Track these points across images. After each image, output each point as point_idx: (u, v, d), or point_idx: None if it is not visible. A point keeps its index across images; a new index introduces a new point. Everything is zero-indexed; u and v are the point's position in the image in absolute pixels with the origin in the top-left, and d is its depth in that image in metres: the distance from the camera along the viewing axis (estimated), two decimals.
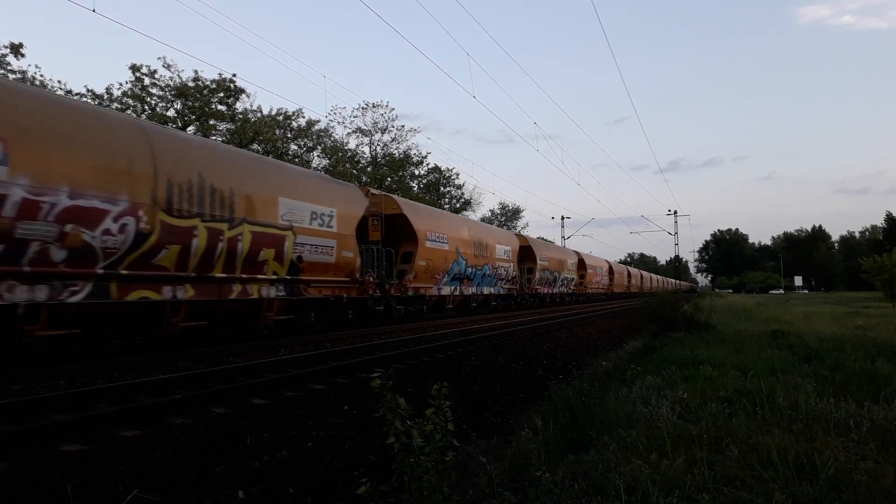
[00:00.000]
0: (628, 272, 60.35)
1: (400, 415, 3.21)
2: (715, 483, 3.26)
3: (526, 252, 29.19)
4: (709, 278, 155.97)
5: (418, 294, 18.02)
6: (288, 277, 12.00)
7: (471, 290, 22.03)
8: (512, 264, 26.22)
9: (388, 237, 16.99)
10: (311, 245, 12.52)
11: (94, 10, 12.25)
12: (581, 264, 39.91)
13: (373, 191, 17.53)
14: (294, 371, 7.97)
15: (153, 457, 4.38)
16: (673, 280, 76.29)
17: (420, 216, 18.42)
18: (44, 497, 3.58)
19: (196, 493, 3.84)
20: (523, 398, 7.98)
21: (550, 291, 32.77)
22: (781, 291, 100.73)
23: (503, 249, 25.20)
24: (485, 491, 3.43)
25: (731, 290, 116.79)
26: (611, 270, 50.18)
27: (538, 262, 30.07)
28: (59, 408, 5.72)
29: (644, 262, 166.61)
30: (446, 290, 19.93)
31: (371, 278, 15.13)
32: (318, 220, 12.77)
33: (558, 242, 56.58)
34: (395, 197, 18.07)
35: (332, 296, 13.55)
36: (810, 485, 3.24)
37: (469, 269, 21.50)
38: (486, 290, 23.60)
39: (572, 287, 37.36)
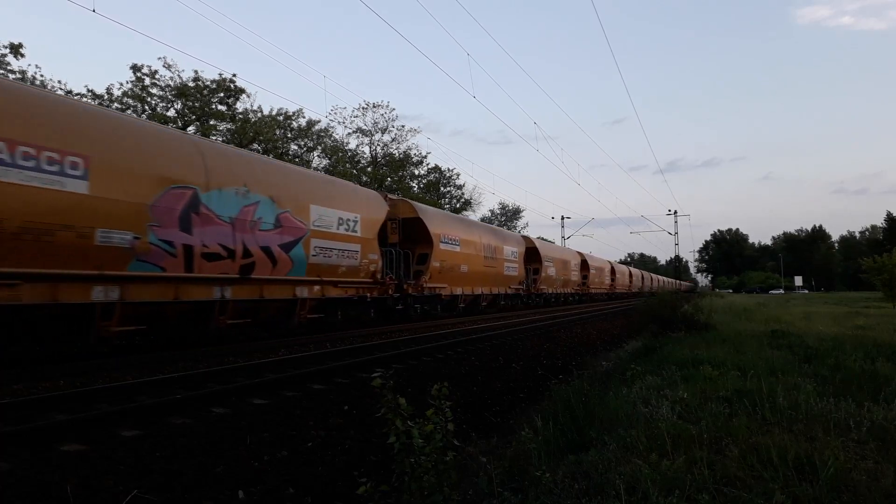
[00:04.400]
0: (629, 272, 60.42)
1: (401, 414, 3.20)
2: (715, 483, 3.26)
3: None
4: (709, 278, 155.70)
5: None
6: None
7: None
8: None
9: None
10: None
11: (94, 10, 12.28)
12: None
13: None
14: (294, 371, 7.97)
15: (153, 457, 4.38)
16: (673, 280, 76.32)
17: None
18: (44, 497, 3.58)
19: (196, 493, 3.84)
20: (523, 398, 7.98)
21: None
22: (781, 291, 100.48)
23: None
24: (485, 491, 3.43)
25: (731, 290, 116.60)
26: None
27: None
28: (59, 408, 5.72)
29: (644, 262, 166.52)
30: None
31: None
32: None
33: (558, 242, 56.65)
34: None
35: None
36: (810, 485, 3.23)
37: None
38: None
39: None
